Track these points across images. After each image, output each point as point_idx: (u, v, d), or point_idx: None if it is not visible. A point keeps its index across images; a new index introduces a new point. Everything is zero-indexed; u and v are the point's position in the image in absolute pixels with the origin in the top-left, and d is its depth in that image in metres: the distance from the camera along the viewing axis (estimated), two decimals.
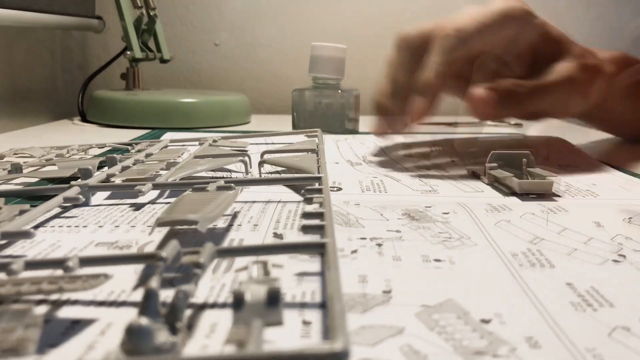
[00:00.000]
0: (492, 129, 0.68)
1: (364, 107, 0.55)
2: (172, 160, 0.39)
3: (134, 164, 0.38)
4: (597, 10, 0.85)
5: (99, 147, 0.48)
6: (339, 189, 0.35)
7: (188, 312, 0.18)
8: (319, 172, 0.34)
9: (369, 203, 0.31)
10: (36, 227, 0.27)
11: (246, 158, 0.39)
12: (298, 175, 0.35)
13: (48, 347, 0.16)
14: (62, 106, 0.79)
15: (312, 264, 0.22)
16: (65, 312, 0.18)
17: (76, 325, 0.17)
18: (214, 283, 0.20)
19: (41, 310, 0.18)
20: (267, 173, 0.39)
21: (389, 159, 0.45)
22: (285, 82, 0.84)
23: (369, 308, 0.18)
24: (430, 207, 0.31)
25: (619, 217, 0.29)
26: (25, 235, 0.23)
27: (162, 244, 0.24)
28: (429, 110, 0.41)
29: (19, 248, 0.24)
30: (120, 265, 0.20)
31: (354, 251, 0.23)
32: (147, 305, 0.15)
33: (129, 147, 0.48)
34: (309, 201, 0.28)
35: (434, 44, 0.40)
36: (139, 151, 0.44)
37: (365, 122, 0.58)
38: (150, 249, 0.24)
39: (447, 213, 0.29)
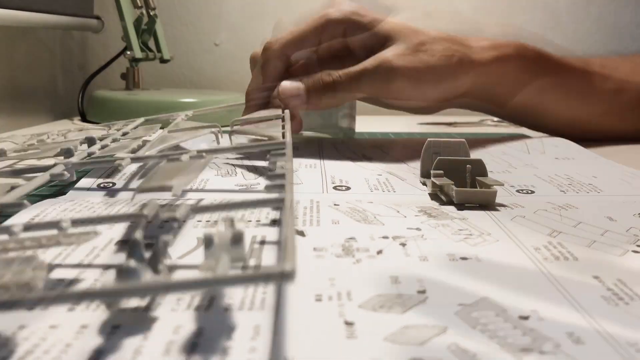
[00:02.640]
0: (492, 129, 0.68)
1: (360, 106, 0.54)
2: (148, 137, 0.41)
3: (112, 142, 0.40)
4: (597, 10, 0.85)
5: (78, 131, 0.51)
6: (348, 188, 0.35)
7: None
8: (283, 138, 0.35)
9: (382, 202, 0.31)
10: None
11: (216, 129, 0.41)
12: (264, 142, 0.35)
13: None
14: (62, 106, 0.78)
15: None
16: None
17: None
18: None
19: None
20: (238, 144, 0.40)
21: (387, 155, 0.45)
22: None
23: (408, 309, 0.18)
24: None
25: (628, 212, 0.29)
26: (19, 206, 0.25)
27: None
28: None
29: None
30: (109, 224, 0.23)
31: (380, 252, 0.23)
32: (133, 252, 0.18)
33: (106, 128, 0.50)
34: (273, 164, 0.30)
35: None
36: (116, 130, 0.47)
37: (362, 122, 0.57)
38: None
39: (463, 210, 0.29)
